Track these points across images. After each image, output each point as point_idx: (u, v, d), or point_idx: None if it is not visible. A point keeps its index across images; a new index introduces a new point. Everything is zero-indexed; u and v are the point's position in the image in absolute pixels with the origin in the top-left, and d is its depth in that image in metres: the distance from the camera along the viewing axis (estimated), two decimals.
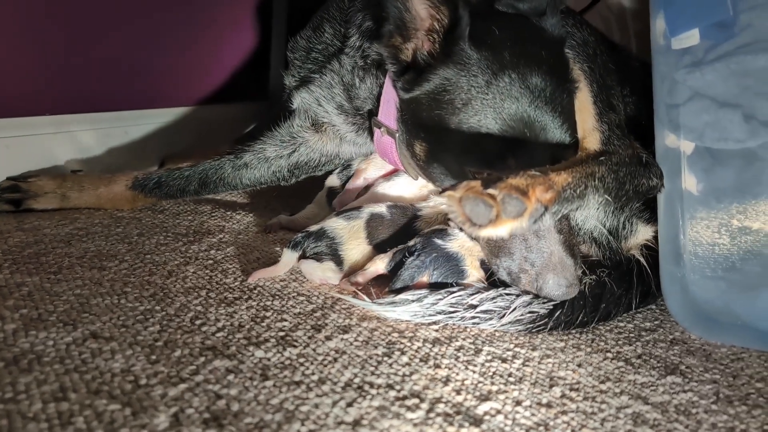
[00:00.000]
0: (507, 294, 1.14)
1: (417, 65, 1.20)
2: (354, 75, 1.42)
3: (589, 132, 1.23)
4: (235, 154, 1.63)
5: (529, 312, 1.12)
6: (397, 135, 1.31)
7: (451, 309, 1.11)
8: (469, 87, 1.14)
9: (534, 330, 1.14)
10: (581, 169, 1.10)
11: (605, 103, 1.25)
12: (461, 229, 1.14)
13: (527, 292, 1.14)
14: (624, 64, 1.42)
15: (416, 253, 1.20)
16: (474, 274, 1.21)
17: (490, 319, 1.12)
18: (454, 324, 1.13)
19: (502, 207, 0.96)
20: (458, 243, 1.22)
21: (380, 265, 1.23)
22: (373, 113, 1.40)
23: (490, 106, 1.12)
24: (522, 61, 1.14)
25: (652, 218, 1.27)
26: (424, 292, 1.13)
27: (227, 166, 1.63)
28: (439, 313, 1.12)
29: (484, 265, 1.22)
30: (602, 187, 1.11)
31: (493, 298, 1.12)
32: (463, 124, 1.14)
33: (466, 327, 1.13)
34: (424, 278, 1.19)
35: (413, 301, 1.12)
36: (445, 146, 1.17)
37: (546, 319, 1.13)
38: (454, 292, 1.13)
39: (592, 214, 1.26)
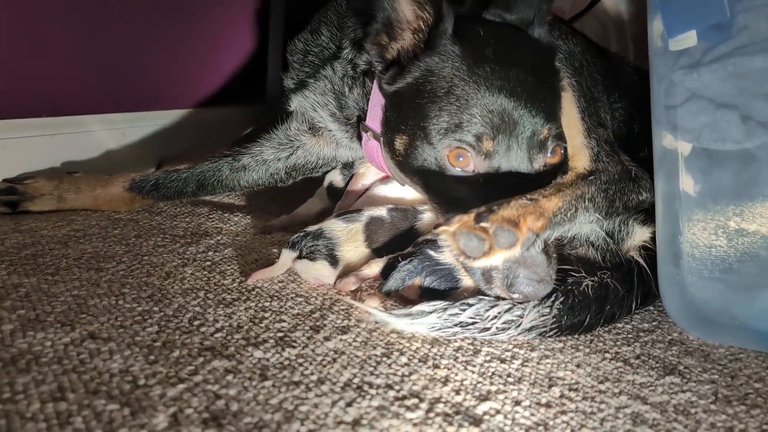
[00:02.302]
0: (519, 303, 1.12)
1: (401, 63, 1.24)
2: (344, 83, 1.44)
3: (578, 149, 1.24)
4: (233, 156, 1.63)
5: (542, 316, 1.10)
6: (382, 138, 1.32)
7: (470, 320, 1.08)
8: (451, 76, 1.17)
9: (547, 336, 1.13)
10: (571, 191, 1.13)
11: (593, 118, 1.27)
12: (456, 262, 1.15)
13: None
14: (613, 70, 1.43)
15: (409, 259, 1.19)
16: (468, 281, 1.21)
17: (508, 329, 1.10)
18: (471, 336, 1.10)
19: (495, 239, 1.00)
20: (448, 254, 1.21)
21: (375, 268, 1.23)
22: (361, 119, 1.42)
23: (470, 94, 1.14)
24: (504, 55, 1.18)
25: (647, 219, 1.28)
26: (441, 302, 1.10)
27: (225, 168, 1.63)
28: (458, 325, 1.08)
29: None
30: (592, 207, 1.14)
31: (509, 309, 1.10)
32: (443, 111, 1.16)
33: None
34: (416, 281, 1.18)
35: (431, 312, 1.08)
36: (424, 134, 1.18)
37: (557, 324, 1.12)
38: (473, 304, 1.10)
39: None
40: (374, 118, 1.34)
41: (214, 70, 2.36)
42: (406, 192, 1.48)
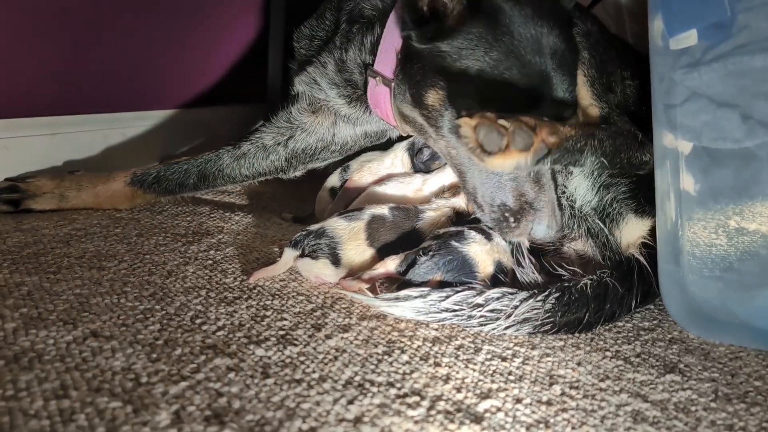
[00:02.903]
0: (510, 293, 1.13)
1: (437, 16, 1.23)
2: (342, 49, 1.47)
3: (588, 108, 1.28)
4: (233, 144, 1.66)
5: (534, 309, 1.11)
6: (393, 84, 1.34)
7: (456, 307, 1.10)
8: (496, 39, 1.18)
9: (541, 332, 1.13)
10: (583, 129, 1.16)
11: (605, 87, 1.30)
12: (470, 155, 1.14)
13: (526, 288, 1.16)
14: (625, 53, 1.45)
15: (430, 254, 1.19)
16: (486, 273, 1.22)
17: (497, 319, 1.11)
18: (459, 324, 1.12)
19: (512, 138, 1.03)
20: (475, 247, 1.22)
21: (390, 266, 1.22)
22: (368, 66, 1.43)
23: (514, 58, 1.16)
24: (543, 21, 1.20)
25: (640, 209, 1.28)
26: (427, 289, 1.12)
27: (226, 157, 1.65)
28: (444, 311, 1.10)
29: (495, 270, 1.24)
30: (600, 149, 1.16)
31: (499, 298, 1.12)
32: (484, 73, 1.17)
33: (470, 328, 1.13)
34: (437, 277, 1.19)
35: (416, 297, 1.11)
36: (464, 93, 1.20)
37: (552, 319, 1.12)
38: (459, 291, 1.12)
39: (581, 184, 1.31)
40: (385, 62, 1.36)
41: (214, 70, 2.36)
42: (406, 190, 1.48)
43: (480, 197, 1.27)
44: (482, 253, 1.22)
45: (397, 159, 1.59)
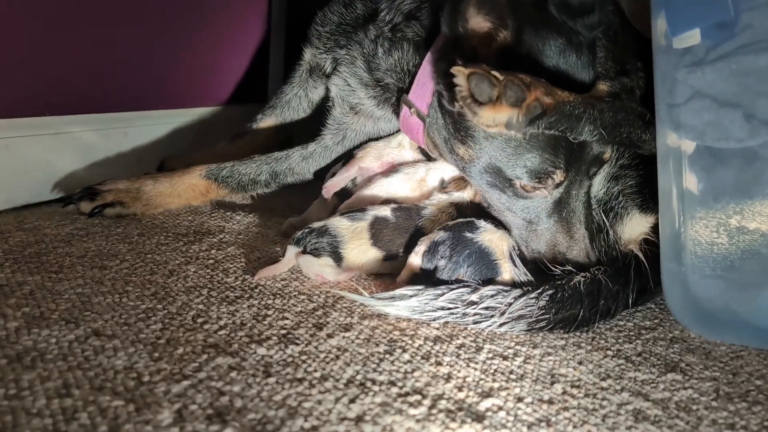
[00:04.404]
0: (504, 290, 1.14)
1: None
2: (377, 45, 1.48)
3: (599, 84, 1.27)
4: (302, 145, 1.70)
5: (528, 306, 1.12)
6: (428, 120, 1.35)
7: (451, 305, 1.11)
8: None
9: (536, 329, 1.14)
10: (584, 97, 1.15)
11: (619, 72, 1.30)
12: (462, 108, 1.11)
13: (520, 286, 1.17)
14: (641, 46, 1.45)
15: (448, 255, 1.19)
16: (506, 269, 1.22)
17: (492, 316, 1.11)
18: (455, 322, 1.13)
19: (504, 90, 1.03)
20: (488, 236, 1.23)
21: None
22: (401, 89, 1.44)
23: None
24: (568, 71, 1.21)
25: (646, 205, 1.28)
26: (422, 287, 1.13)
27: (295, 156, 1.68)
28: (440, 309, 1.11)
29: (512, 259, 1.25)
30: (599, 120, 1.14)
31: (493, 295, 1.12)
32: (511, 140, 1.18)
33: (466, 326, 1.13)
34: (459, 275, 1.19)
35: (412, 296, 1.12)
36: (492, 155, 1.22)
37: (546, 316, 1.13)
38: (454, 288, 1.13)
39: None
40: (420, 97, 1.36)
41: (216, 69, 2.36)
42: (411, 181, 1.48)
43: (516, 237, 1.30)
44: (496, 239, 1.22)
45: (405, 140, 1.59)
